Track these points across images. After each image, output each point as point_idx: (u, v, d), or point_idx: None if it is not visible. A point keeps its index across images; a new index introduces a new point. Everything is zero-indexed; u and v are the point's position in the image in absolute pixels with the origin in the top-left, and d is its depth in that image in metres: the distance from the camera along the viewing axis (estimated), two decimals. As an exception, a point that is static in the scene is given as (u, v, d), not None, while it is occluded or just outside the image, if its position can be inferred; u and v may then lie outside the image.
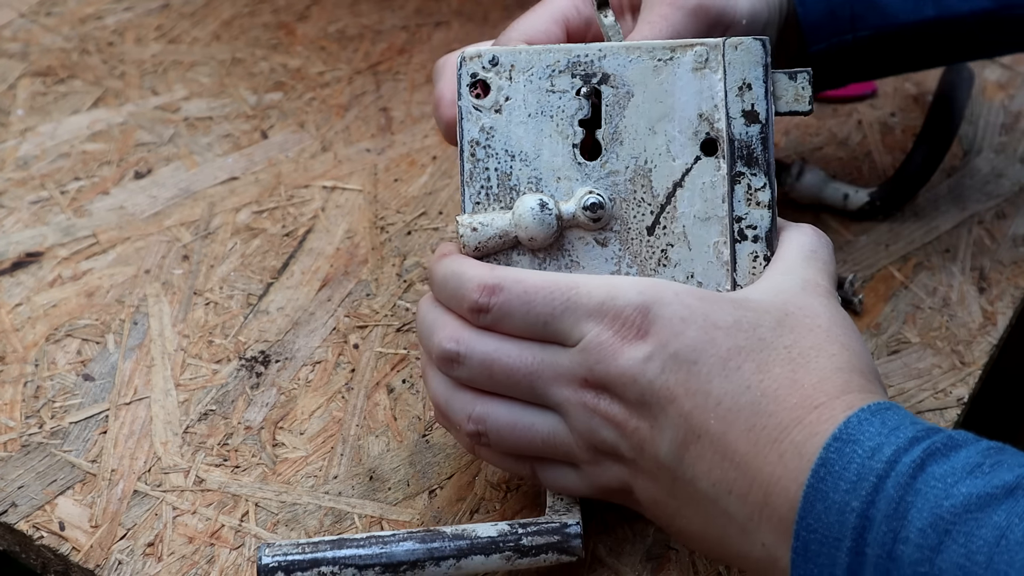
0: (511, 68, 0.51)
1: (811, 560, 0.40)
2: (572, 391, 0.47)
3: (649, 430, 0.45)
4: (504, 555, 0.48)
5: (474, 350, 0.48)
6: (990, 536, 0.37)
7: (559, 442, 0.48)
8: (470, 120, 0.51)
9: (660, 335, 0.45)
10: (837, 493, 0.40)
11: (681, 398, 0.44)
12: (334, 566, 0.47)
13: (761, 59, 0.50)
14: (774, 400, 0.43)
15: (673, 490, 0.45)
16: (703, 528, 0.45)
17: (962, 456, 0.40)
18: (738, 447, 0.43)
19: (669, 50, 0.50)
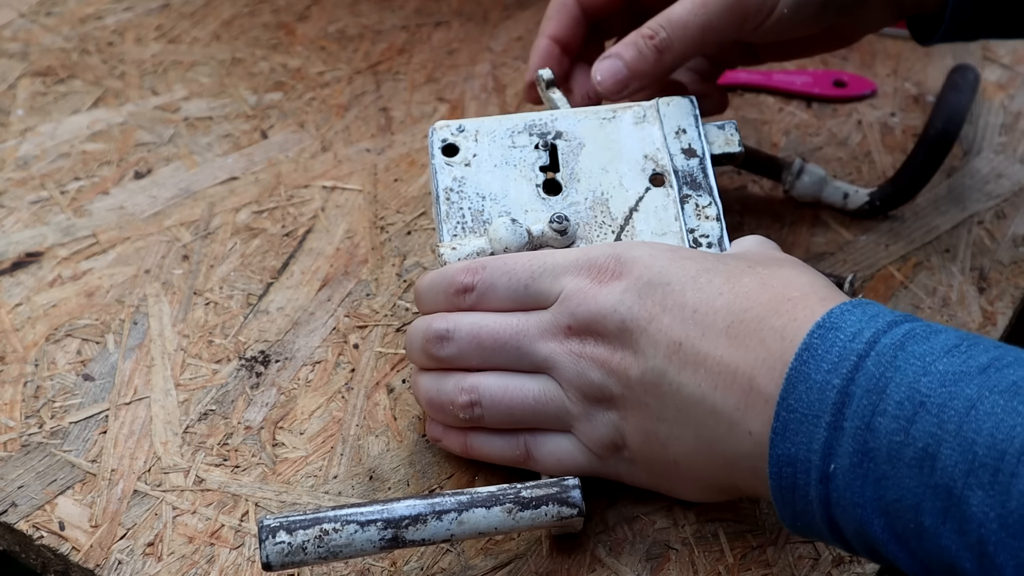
0: (476, 133, 0.58)
1: (789, 438, 0.42)
2: (558, 343, 0.49)
3: (633, 355, 0.47)
4: (505, 507, 0.48)
5: (461, 323, 0.50)
6: (961, 407, 0.39)
7: (550, 398, 0.49)
8: (443, 173, 0.57)
9: (633, 272, 0.48)
10: (819, 373, 0.41)
11: (659, 316, 0.46)
12: (335, 523, 0.47)
13: (691, 111, 0.58)
14: (747, 299, 0.45)
15: (662, 410, 0.47)
16: (695, 442, 0.46)
17: (941, 339, 0.41)
18: (718, 344, 0.45)
19: (611, 111, 0.58)
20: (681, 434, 0.47)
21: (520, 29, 0.79)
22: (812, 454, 0.41)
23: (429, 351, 0.51)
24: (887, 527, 0.40)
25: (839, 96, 0.74)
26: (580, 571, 0.51)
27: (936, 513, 0.39)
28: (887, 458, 0.40)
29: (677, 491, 0.51)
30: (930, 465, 0.39)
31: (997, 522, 0.37)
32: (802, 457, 0.42)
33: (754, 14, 0.56)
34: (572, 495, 0.49)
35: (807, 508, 0.42)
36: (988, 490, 0.37)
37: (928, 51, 0.76)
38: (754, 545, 0.52)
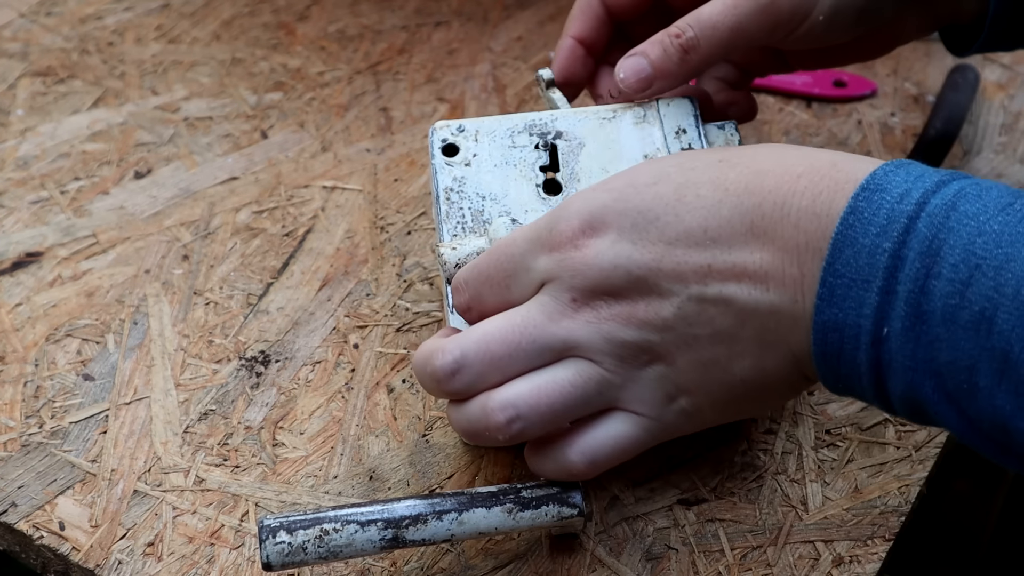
0: (476, 133, 0.58)
1: (836, 303, 0.41)
2: (570, 319, 0.46)
3: (659, 300, 0.45)
4: (505, 507, 0.48)
5: (467, 347, 0.47)
6: (1019, 270, 0.38)
7: (588, 377, 0.46)
8: (443, 173, 0.56)
9: (608, 221, 0.45)
10: (867, 237, 0.40)
11: (667, 253, 0.44)
12: (336, 523, 0.47)
13: (691, 111, 0.57)
14: (751, 194, 0.44)
15: (713, 335, 0.45)
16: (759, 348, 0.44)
17: (993, 196, 0.40)
18: (750, 252, 0.43)
19: (611, 111, 0.58)
20: (742, 349, 0.45)
21: (520, 29, 0.79)
22: (863, 319, 0.41)
23: (446, 389, 0.47)
24: (938, 387, 0.40)
25: (839, 96, 0.74)
26: (580, 571, 0.51)
27: (991, 374, 0.38)
28: (942, 320, 0.39)
29: (749, 412, 0.49)
30: (987, 329, 0.38)
31: None
32: (851, 322, 0.41)
33: (787, 20, 0.54)
34: (572, 495, 0.49)
35: (854, 372, 0.42)
36: None
37: (928, 51, 0.76)
38: (754, 545, 0.52)
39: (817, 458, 0.56)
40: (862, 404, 0.58)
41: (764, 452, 0.56)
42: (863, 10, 0.55)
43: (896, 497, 0.54)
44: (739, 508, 0.54)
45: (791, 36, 0.55)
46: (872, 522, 0.53)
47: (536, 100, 0.73)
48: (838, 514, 0.53)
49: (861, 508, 0.54)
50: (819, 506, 0.54)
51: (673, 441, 0.56)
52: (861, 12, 0.55)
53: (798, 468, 0.55)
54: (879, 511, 0.54)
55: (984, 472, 1.07)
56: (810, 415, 0.57)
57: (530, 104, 0.73)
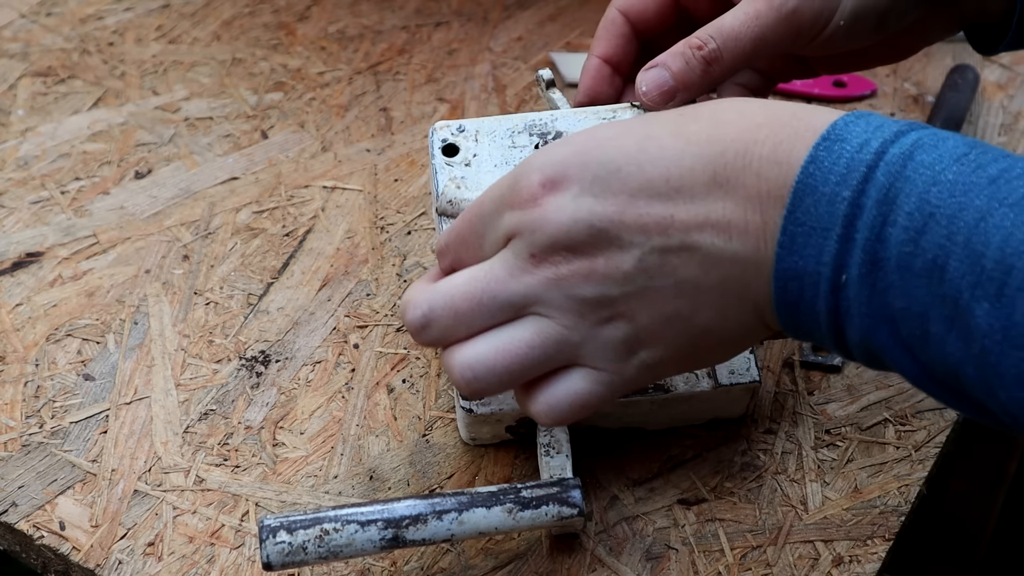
0: (476, 133, 0.58)
1: (796, 251, 0.42)
2: (530, 275, 0.46)
3: (619, 251, 0.45)
4: (505, 507, 0.48)
5: (435, 301, 0.47)
6: (970, 219, 0.38)
7: (546, 336, 0.46)
8: (443, 172, 0.57)
9: (569, 176, 0.45)
10: (827, 186, 0.41)
11: (629, 204, 0.44)
12: (336, 523, 0.47)
13: None
14: (712, 143, 0.44)
15: (676, 287, 0.45)
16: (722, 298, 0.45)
17: (949, 146, 0.41)
18: (714, 198, 0.43)
19: (611, 111, 0.57)
20: (706, 298, 0.45)
21: (520, 29, 0.79)
22: (822, 266, 0.41)
23: (419, 341, 0.49)
24: (893, 334, 0.41)
25: (839, 96, 0.74)
26: (580, 571, 0.51)
27: (942, 321, 0.39)
28: (896, 268, 0.40)
29: (709, 361, 0.49)
30: (938, 276, 0.39)
31: (1001, 333, 0.38)
32: (810, 270, 0.41)
33: (809, 27, 0.53)
34: (572, 495, 0.49)
35: (813, 319, 0.42)
36: (994, 303, 0.38)
37: (928, 51, 0.76)
38: (754, 545, 0.52)
39: (817, 458, 0.56)
40: (862, 404, 0.58)
41: (764, 452, 0.56)
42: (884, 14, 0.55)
43: (896, 497, 0.54)
44: (739, 508, 0.54)
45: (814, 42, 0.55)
46: (872, 522, 0.53)
47: (536, 100, 0.73)
48: (838, 514, 0.54)
49: (861, 508, 0.54)
50: (819, 506, 0.54)
51: (673, 441, 0.56)
52: (882, 16, 0.55)
53: (798, 468, 0.55)
54: (879, 511, 0.54)
55: (984, 472, 1.07)
56: (810, 415, 0.57)
57: (530, 104, 0.73)
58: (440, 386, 0.58)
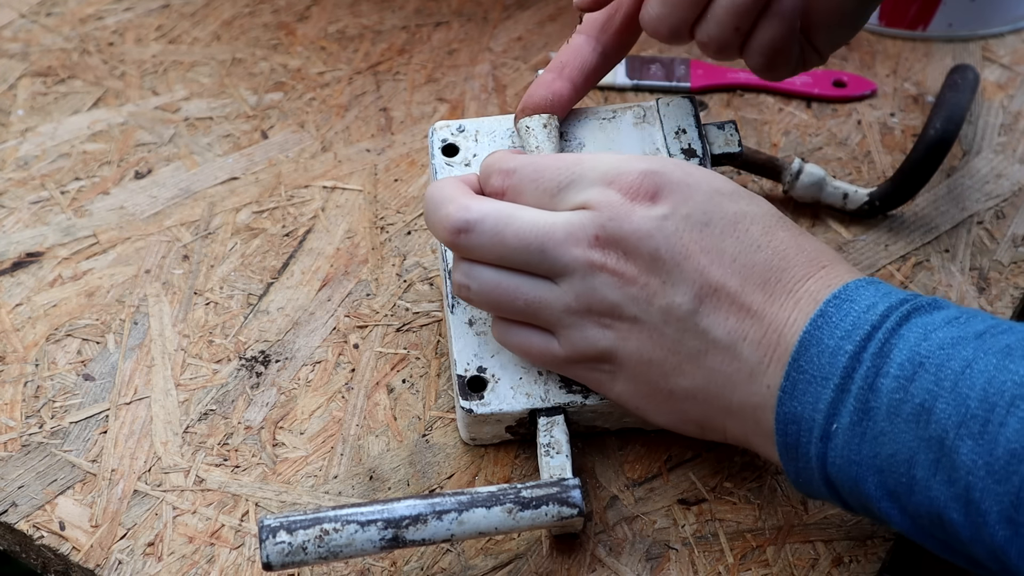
0: (476, 133, 0.58)
1: (797, 397, 0.44)
2: (582, 250, 0.48)
3: (661, 285, 0.47)
4: (505, 507, 0.48)
5: (487, 214, 0.49)
6: (958, 366, 0.41)
7: (545, 304, 0.49)
8: (443, 173, 0.57)
9: (671, 198, 0.48)
10: (832, 339, 0.44)
11: (697, 254, 0.47)
12: (336, 523, 0.47)
13: (691, 111, 0.58)
14: (784, 259, 0.47)
15: (679, 344, 0.47)
16: (705, 380, 0.47)
17: (943, 312, 0.44)
18: (755, 298, 0.46)
19: (611, 111, 0.58)
20: (691, 370, 0.48)
21: (520, 29, 0.79)
22: (817, 413, 0.43)
23: (448, 240, 0.50)
24: (880, 484, 0.42)
25: (839, 96, 0.74)
26: (580, 571, 0.51)
27: (928, 465, 0.41)
28: (886, 415, 0.42)
29: (651, 416, 0.51)
30: (925, 419, 0.41)
31: (984, 469, 0.39)
32: (807, 416, 0.44)
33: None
34: (572, 495, 0.49)
35: (807, 466, 0.44)
36: (977, 439, 0.39)
37: (928, 51, 0.76)
38: (754, 545, 0.52)
39: (817, 458, 0.56)
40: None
41: (764, 452, 0.56)
42: None
43: (896, 497, 0.54)
44: (739, 508, 0.54)
45: None
46: (872, 522, 0.53)
47: (536, 100, 0.73)
48: (838, 514, 0.53)
49: (861, 508, 0.54)
50: (819, 506, 0.54)
51: (673, 441, 0.56)
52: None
53: (798, 468, 0.55)
54: (879, 511, 0.54)
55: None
56: (810, 415, 0.57)
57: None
58: (440, 386, 0.58)
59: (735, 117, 0.72)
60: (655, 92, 0.74)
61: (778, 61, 0.53)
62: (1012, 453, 0.38)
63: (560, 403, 0.53)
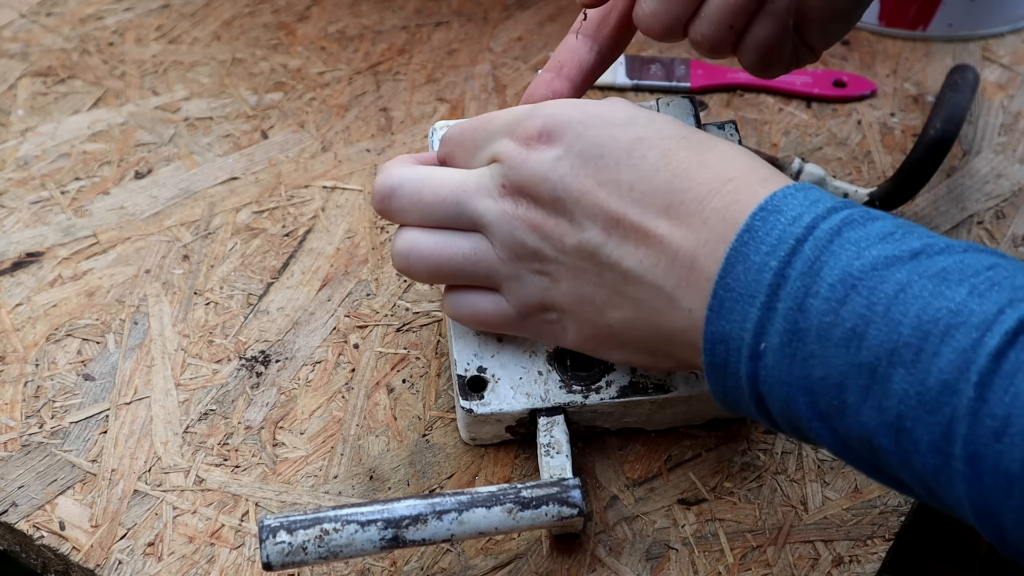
0: None
1: (724, 316, 0.43)
2: (493, 200, 0.50)
3: (568, 225, 0.48)
4: (505, 507, 0.48)
5: (407, 177, 0.52)
6: (891, 290, 0.40)
7: (480, 257, 0.51)
8: None
9: (564, 138, 0.48)
10: (757, 255, 0.42)
11: (594, 189, 0.47)
12: (336, 523, 0.47)
13: (691, 111, 0.58)
14: (686, 178, 0.46)
15: (600, 278, 0.48)
16: (634, 312, 0.47)
17: (877, 226, 0.42)
18: (659, 223, 0.46)
19: None
20: (619, 302, 0.48)
21: (520, 29, 0.79)
22: (744, 332, 0.42)
23: (375, 206, 0.53)
24: (811, 405, 0.42)
25: (839, 96, 0.74)
26: (580, 571, 0.51)
27: (859, 391, 0.40)
28: (816, 337, 0.41)
29: (605, 354, 0.51)
30: (857, 344, 0.40)
31: (916, 399, 0.38)
32: (735, 335, 0.43)
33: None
34: (572, 495, 0.49)
35: (736, 385, 0.44)
36: (910, 368, 0.38)
37: (928, 51, 0.76)
38: (754, 545, 0.52)
39: (817, 458, 0.56)
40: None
41: (764, 452, 0.56)
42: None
43: (896, 497, 0.54)
44: (739, 508, 0.54)
45: None
46: (872, 522, 0.53)
47: (536, 100, 0.73)
48: (838, 514, 0.54)
49: (861, 508, 0.54)
50: (819, 506, 0.54)
51: (673, 441, 0.56)
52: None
53: (798, 468, 0.55)
54: (879, 511, 0.54)
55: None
56: (810, 415, 0.57)
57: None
58: (440, 386, 0.58)
59: (735, 117, 0.72)
60: (655, 92, 0.74)
61: (772, 59, 0.53)
62: (944, 384, 0.38)
63: (560, 403, 0.53)
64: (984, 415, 0.37)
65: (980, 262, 0.40)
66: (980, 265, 0.40)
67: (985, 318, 0.38)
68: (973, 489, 0.37)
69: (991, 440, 0.37)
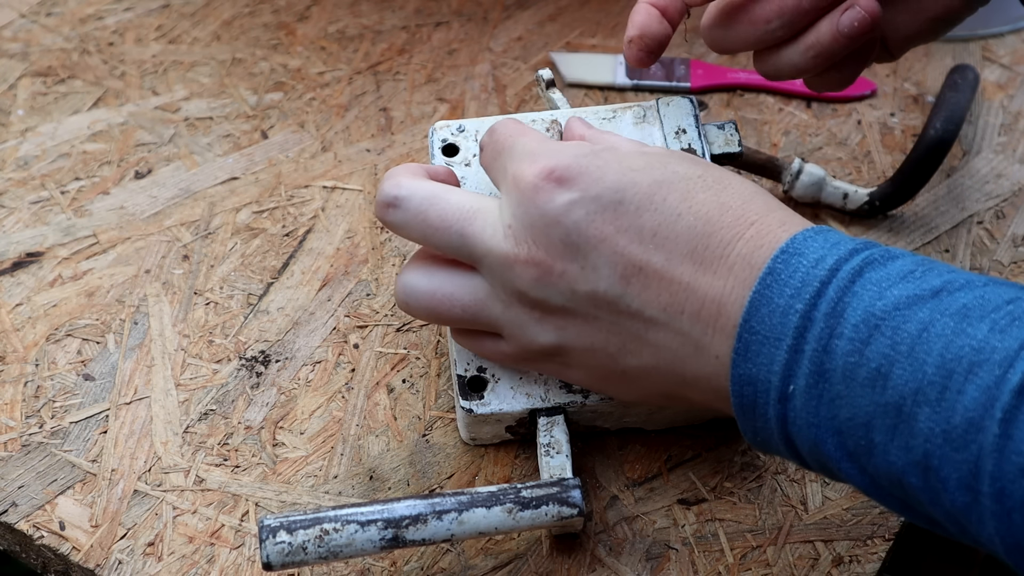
0: (476, 133, 0.58)
1: (750, 359, 0.43)
2: (497, 240, 0.48)
3: (580, 271, 0.46)
4: (505, 507, 0.48)
5: (415, 192, 0.49)
6: (914, 329, 0.40)
7: (481, 307, 0.49)
8: None
9: (580, 182, 0.46)
10: (782, 298, 0.42)
11: (612, 236, 0.46)
12: (336, 523, 0.47)
13: (691, 111, 0.58)
14: (708, 222, 0.45)
15: (615, 326, 0.47)
16: (654, 358, 0.47)
17: (897, 265, 0.43)
18: (684, 270, 0.45)
19: (611, 111, 0.59)
20: (637, 349, 0.47)
21: (520, 29, 0.79)
22: (772, 375, 0.42)
23: (376, 214, 0.51)
24: (840, 445, 0.42)
25: (839, 96, 0.74)
26: (580, 571, 0.51)
27: (886, 430, 0.40)
28: (842, 378, 0.41)
29: (615, 394, 0.51)
30: (882, 384, 0.40)
31: (942, 437, 0.38)
32: (762, 378, 0.43)
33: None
34: (572, 495, 0.49)
35: (766, 426, 0.44)
36: (935, 407, 0.39)
37: (928, 51, 0.76)
38: (754, 545, 0.52)
39: (817, 458, 0.56)
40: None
41: (764, 452, 0.56)
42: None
43: (896, 497, 0.54)
44: (739, 508, 0.54)
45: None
46: (872, 522, 0.53)
47: (536, 100, 0.73)
48: (838, 514, 0.54)
49: (861, 508, 0.54)
50: (819, 506, 0.54)
51: (673, 441, 0.56)
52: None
53: (798, 468, 0.55)
54: (879, 511, 0.54)
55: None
56: (810, 415, 0.57)
57: (530, 104, 0.73)
58: (440, 386, 0.58)
59: (735, 117, 0.72)
60: (655, 92, 0.74)
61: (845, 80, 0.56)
62: (970, 422, 0.38)
63: (560, 403, 0.53)
64: (1010, 451, 0.37)
65: (1000, 296, 0.40)
66: (1000, 300, 0.40)
67: (1007, 355, 0.38)
68: (1002, 525, 0.37)
69: (1018, 476, 0.37)
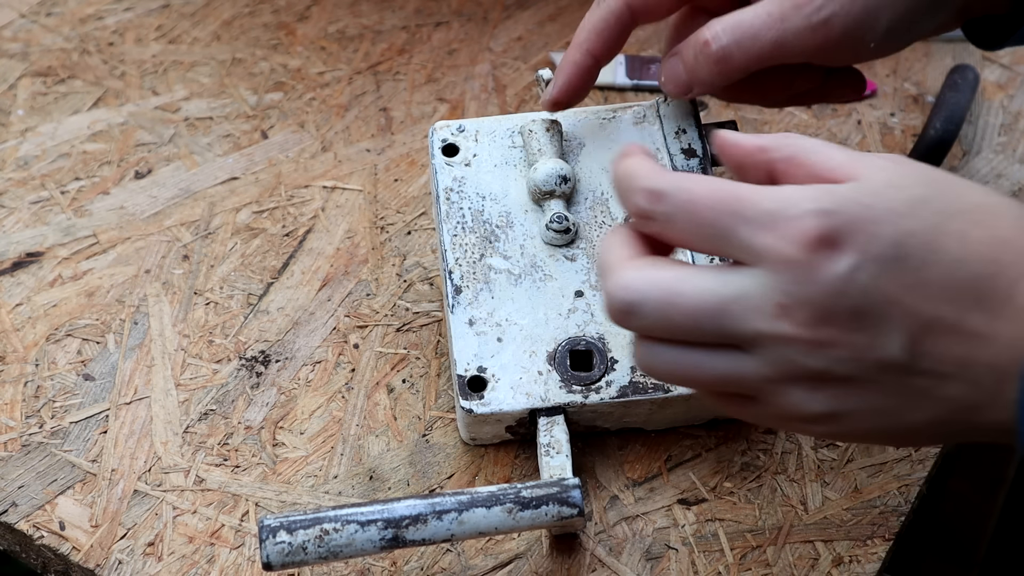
0: (476, 132, 0.59)
1: None
2: (767, 323, 0.42)
3: (868, 340, 0.41)
4: (505, 507, 0.48)
5: (648, 297, 0.43)
6: None
7: (739, 377, 0.43)
8: (443, 173, 0.58)
9: (854, 242, 0.41)
10: None
11: (900, 297, 0.41)
12: (336, 523, 0.47)
13: (691, 111, 0.59)
14: (991, 263, 0.41)
15: (902, 387, 0.42)
16: (946, 412, 0.43)
17: None
18: (976, 320, 0.41)
19: (611, 111, 0.59)
20: (926, 405, 0.43)
21: (520, 29, 0.79)
22: None
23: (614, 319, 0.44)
24: None
25: (839, 96, 0.74)
26: (580, 571, 0.51)
27: None
28: None
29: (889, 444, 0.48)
30: None
31: None
32: None
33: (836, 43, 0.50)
34: (572, 495, 0.49)
35: None
36: None
37: (928, 51, 0.76)
38: (754, 545, 0.52)
39: (817, 458, 0.56)
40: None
41: (764, 452, 0.56)
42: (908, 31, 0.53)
43: (896, 497, 0.54)
44: (739, 508, 0.54)
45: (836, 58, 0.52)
46: (872, 522, 0.53)
47: (536, 100, 0.73)
48: (838, 514, 0.54)
49: (861, 508, 0.54)
50: (819, 506, 0.54)
51: (673, 441, 0.56)
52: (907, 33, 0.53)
53: (798, 468, 0.55)
54: (879, 511, 0.54)
55: (984, 472, 1.07)
56: (810, 415, 0.57)
57: (530, 104, 0.73)
58: (440, 386, 0.58)
59: (735, 117, 0.72)
60: (655, 92, 0.74)
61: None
62: None
63: (560, 403, 0.53)
64: None
65: None
66: None
67: None
68: None
69: None
